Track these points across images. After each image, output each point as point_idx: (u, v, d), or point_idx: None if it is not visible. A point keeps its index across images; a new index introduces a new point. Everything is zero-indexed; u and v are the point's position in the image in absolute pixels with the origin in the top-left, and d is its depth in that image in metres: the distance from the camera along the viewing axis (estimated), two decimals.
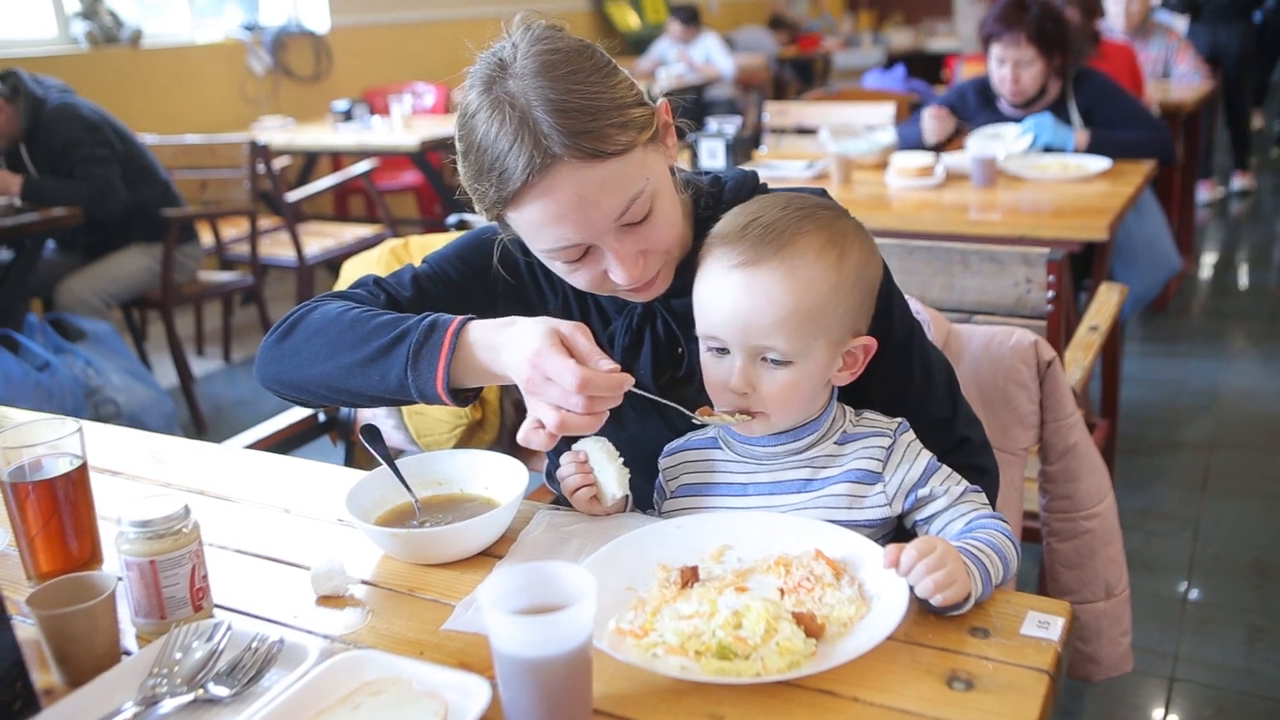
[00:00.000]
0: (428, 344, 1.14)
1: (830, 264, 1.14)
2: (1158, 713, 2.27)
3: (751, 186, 1.31)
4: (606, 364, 1.07)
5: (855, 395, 1.26)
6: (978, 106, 3.60)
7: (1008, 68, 3.38)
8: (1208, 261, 5.56)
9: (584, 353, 1.08)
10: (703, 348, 1.19)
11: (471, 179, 1.15)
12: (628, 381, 1.08)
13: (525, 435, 1.10)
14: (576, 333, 1.09)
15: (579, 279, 1.20)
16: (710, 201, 1.28)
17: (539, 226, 1.13)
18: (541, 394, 1.08)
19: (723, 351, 1.17)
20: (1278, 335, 4.50)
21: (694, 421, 1.21)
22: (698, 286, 1.18)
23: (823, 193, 1.25)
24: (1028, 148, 3.35)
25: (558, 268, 1.21)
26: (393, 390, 1.17)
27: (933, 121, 3.55)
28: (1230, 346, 4.41)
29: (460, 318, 1.15)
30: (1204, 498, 3.14)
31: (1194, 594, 2.68)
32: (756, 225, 1.15)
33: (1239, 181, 6.76)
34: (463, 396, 1.17)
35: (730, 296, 1.13)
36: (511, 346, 1.10)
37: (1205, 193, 6.50)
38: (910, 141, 3.60)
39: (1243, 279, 5.37)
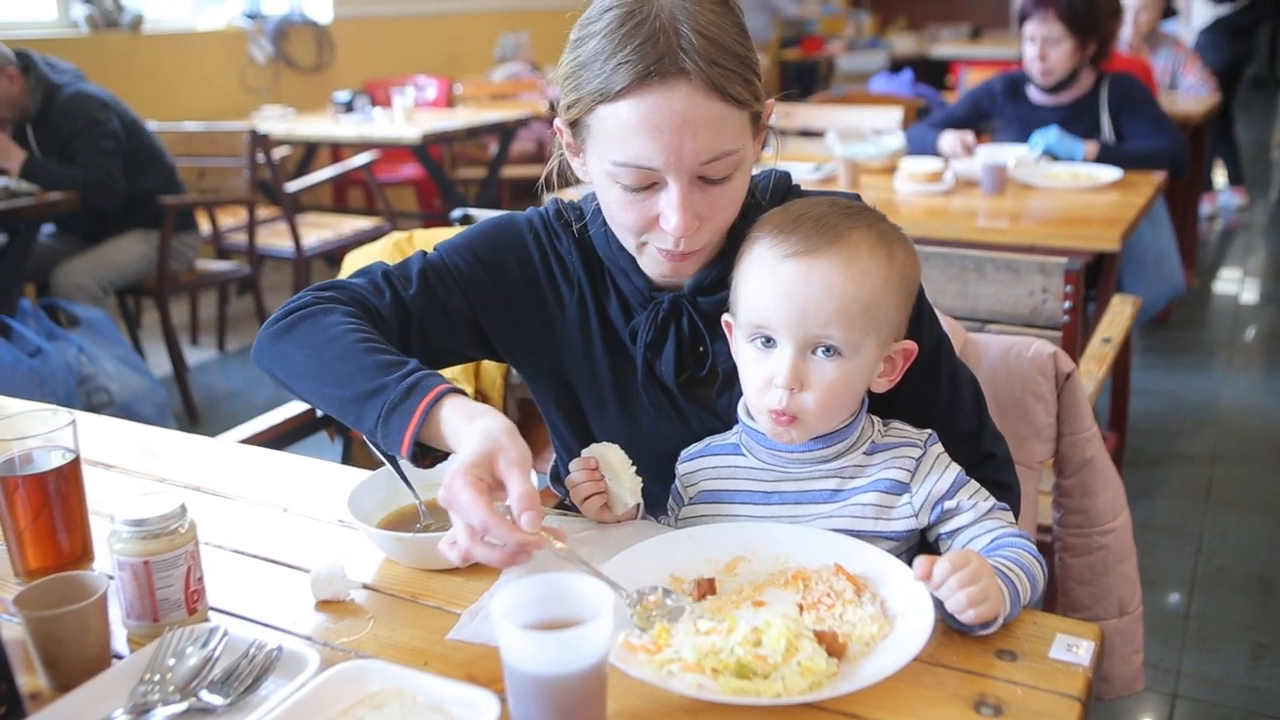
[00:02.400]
0: (401, 407, 1.10)
1: (881, 259, 1.13)
2: None
3: (785, 187, 1.29)
4: (527, 519, 0.99)
5: (881, 406, 1.23)
6: (1005, 100, 3.59)
7: (1036, 45, 3.38)
8: (1210, 274, 5.54)
9: (515, 498, 1.00)
10: (744, 342, 1.16)
11: (578, 65, 1.13)
12: (536, 545, 0.99)
13: (441, 546, 1.04)
14: (514, 469, 1.00)
15: (628, 214, 1.16)
16: (747, 200, 1.24)
17: (628, 132, 1.09)
18: (454, 512, 1.02)
19: (768, 344, 1.13)
20: (1279, 349, 4.48)
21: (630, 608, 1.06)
22: (744, 277, 1.15)
23: (857, 198, 1.22)
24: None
25: (613, 194, 1.16)
26: (365, 435, 1.15)
27: (955, 143, 3.49)
28: (1233, 360, 4.38)
29: (439, 388, 1.10)
30: (1206, 511, 3.11)
31: (1197, 609, 2.65)
32: (807, 219, 1.13)
33: (1235, 197, 6.73)
34: (431, 457, 1.13)
35: (786, 284, 1.11)
36: (467, 444, 1.04)
37: (1208, 206, 6.49)
38: (920, 146, 3.57)
39: (1246, 292, 5.35)
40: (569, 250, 1.30)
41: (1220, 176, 6.82)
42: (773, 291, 1.11)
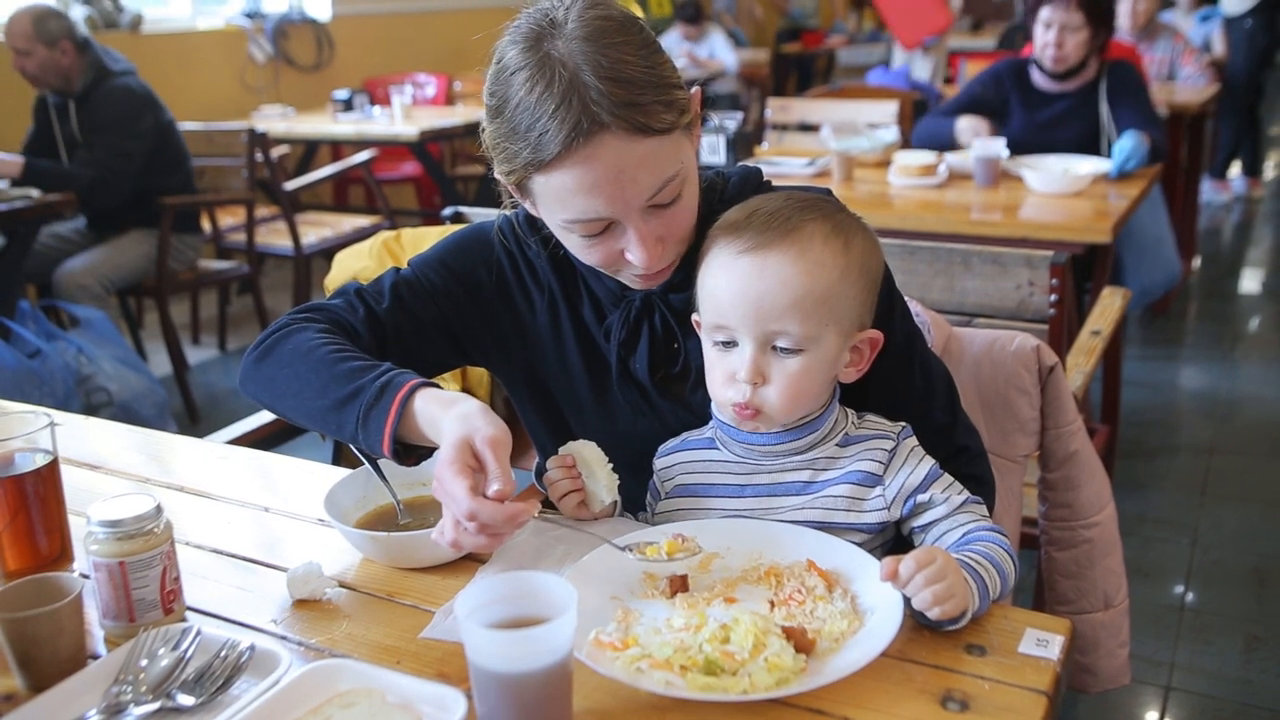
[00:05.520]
0: (377, 406, 1.11)
1: (837, 250, 1.12)
2: None
3: (755, 183, 1.29)
4: (495, 490, 1.02)
5: (854, 401, 1.23)
6: (1012, 86, 3.54)
7: (1053, 32, 3.33)
8: (1210, 264, 5.53)
9: (489, 473, 1.03)
10: (707, 341, 1.17)
11: (503, 138, 1.12)
12: (525, 513, 1.02)
13: (434, 537, 1.06)
14: (487, 448, 1.03)
15: (593, 255, 1.17)
16: (714, 197, 1.25)
17: (570, 195, 1.10)
18: (444, 503, 1.04)
19: (729, 345, 1.14)
20: (1279, 340, 4.47)
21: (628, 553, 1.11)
22: (703, 276, 1.16)
23: (828, 193, 1.22)
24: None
25: (573, 242, 1.17)
26: (349, 442, 1.16)
27: (974, 125, 3.45)
28: (1231, 351, 4.37)
29: (411, 383, 1.12)
30: (1203, 504, 3.11)
31: (1191, 601, 2.65)
32: (760, 214, 1.13)
33: (1246, 188, 6.70)
34: (415, 455, 1.15)
35: (740, 281, 1.11)
36: (446, 433, 1.06)
37: (1223, 194, 6.48)
38: (933, 137, 3.53)
39: (1245, 283, 5.33)
40: (538, 254, 1.31)
41: (1236, 165, 6.78)
42: (728, 288, 1.12)
